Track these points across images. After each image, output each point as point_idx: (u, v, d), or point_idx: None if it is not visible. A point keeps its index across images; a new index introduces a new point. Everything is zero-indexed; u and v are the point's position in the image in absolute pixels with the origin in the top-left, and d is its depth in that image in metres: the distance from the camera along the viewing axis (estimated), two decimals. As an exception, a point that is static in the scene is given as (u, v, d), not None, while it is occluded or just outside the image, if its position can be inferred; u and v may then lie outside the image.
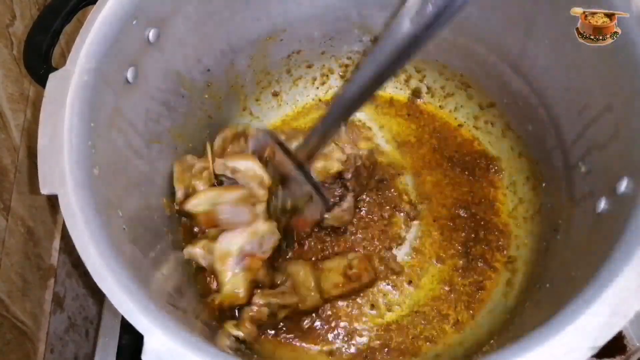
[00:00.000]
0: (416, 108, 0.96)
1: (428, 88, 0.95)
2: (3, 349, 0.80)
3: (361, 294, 0.81)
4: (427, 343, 0.78)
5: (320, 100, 0.98)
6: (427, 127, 0.94)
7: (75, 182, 0.54)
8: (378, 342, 0.78)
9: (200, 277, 0.80)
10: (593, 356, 0.44)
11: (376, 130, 0.95)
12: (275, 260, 0.78)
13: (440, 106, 0.95)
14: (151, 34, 0.67)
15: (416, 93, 0.96)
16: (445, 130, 0.94)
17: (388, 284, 0.82)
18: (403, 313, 0.80)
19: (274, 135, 0.79)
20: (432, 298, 0.81)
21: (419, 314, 0.80)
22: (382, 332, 0.79)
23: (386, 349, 0.78)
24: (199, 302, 0.74)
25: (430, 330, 0.79)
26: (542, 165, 0.81)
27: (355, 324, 0.79)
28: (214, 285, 0.74)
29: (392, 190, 0.88)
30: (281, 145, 0.78)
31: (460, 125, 0.93)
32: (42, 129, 0.57)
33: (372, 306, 0.81)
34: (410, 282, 0.82)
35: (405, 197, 0.87)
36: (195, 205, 0.73)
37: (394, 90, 0.97)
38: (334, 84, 0.97)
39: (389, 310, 0.81)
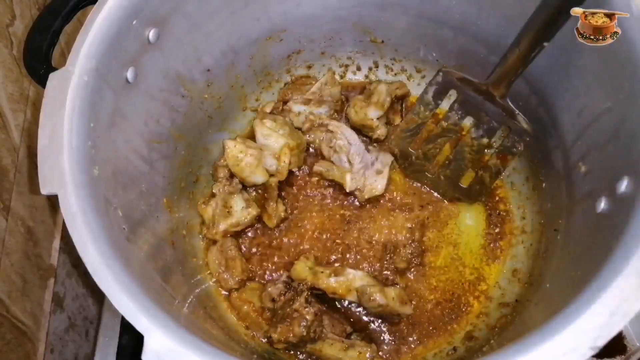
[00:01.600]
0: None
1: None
2: (3, 349, 0.80)
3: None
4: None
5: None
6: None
7: (75, 182, 0.54)
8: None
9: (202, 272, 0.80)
10: (593, 356, 0.44)
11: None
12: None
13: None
14: (151, 34, 0.67)
15: None
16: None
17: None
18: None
19: (454, 74, 0.74)
20: (432, 296, 0.81)
21: (419, 311, 0.80)
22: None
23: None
24: (198, 299, 0.74)
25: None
26: (542, 165, 0.81)
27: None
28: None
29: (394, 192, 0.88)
30: (464, 80, 0.72)
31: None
32: (42, 129, 0.57)
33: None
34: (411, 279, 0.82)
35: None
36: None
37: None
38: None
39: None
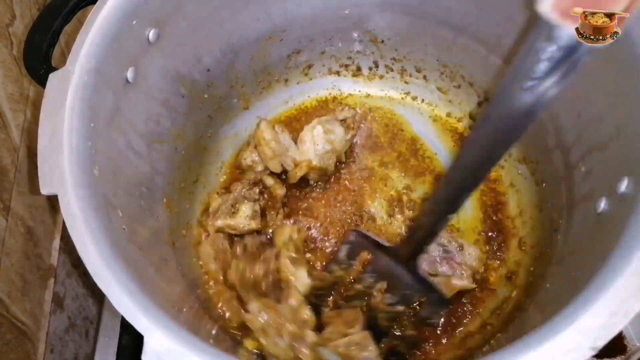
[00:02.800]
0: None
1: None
2: (3, 349, 0.80)
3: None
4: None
5: (320, 100, 0.98)
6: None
7: (75, 182, 0.54)
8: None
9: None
10: (593, 356, 0.44)
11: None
12: None
13: (440, 106, 0.95)
14: (151, 34, 0.67)
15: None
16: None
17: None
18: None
19: (366, 235, 0.76)
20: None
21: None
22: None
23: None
24: (198, 298, 0.74)
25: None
26: (542, 165, 0.81)
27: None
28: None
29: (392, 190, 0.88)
30: (376, 244, 0.74)
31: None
32: (42, 129, 0.57)
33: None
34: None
35: (405, 197, 0.87)
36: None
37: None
38: (334, 84, 0.97)
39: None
